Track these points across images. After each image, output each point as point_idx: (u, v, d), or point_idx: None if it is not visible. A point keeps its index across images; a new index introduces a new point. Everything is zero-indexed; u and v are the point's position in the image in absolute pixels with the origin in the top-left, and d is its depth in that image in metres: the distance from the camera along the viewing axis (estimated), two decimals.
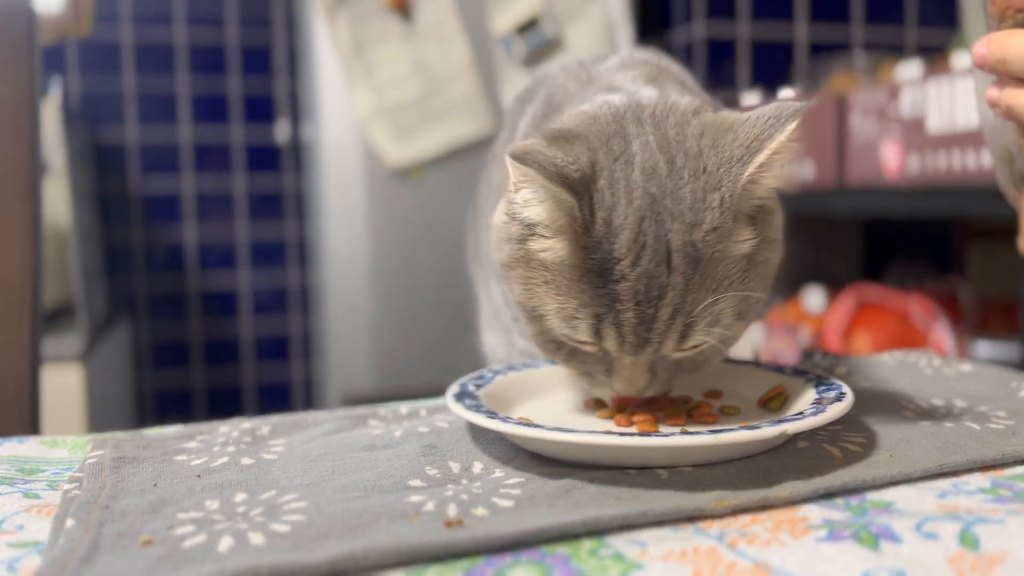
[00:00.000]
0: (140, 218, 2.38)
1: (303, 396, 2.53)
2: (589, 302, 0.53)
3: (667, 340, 0.53)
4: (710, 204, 0.52)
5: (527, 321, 0.57)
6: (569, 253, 0.53)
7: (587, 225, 0.52)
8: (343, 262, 2.08)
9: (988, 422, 0.56)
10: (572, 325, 0.54)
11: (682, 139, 0.54)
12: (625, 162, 0.54)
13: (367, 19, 2.04)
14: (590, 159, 0.54)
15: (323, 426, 0.60)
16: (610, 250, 0.52)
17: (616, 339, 0.53)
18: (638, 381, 0.55)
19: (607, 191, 0.53)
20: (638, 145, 0.54)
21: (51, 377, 1.55)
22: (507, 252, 0.57)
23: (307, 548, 0.39)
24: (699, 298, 0.52)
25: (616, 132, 0.55)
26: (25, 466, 0.56)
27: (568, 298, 0.53)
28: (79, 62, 2.30)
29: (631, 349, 0.53)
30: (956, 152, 1.44)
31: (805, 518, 0.43)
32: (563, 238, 0.53)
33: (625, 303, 0.52)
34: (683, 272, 0.51)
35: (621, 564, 0.38)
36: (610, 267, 0.52)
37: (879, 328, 1.75)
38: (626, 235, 0.52)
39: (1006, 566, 0.37)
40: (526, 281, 0.56)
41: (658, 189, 0.52)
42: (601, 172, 0.53)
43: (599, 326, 0.53)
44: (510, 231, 0.57)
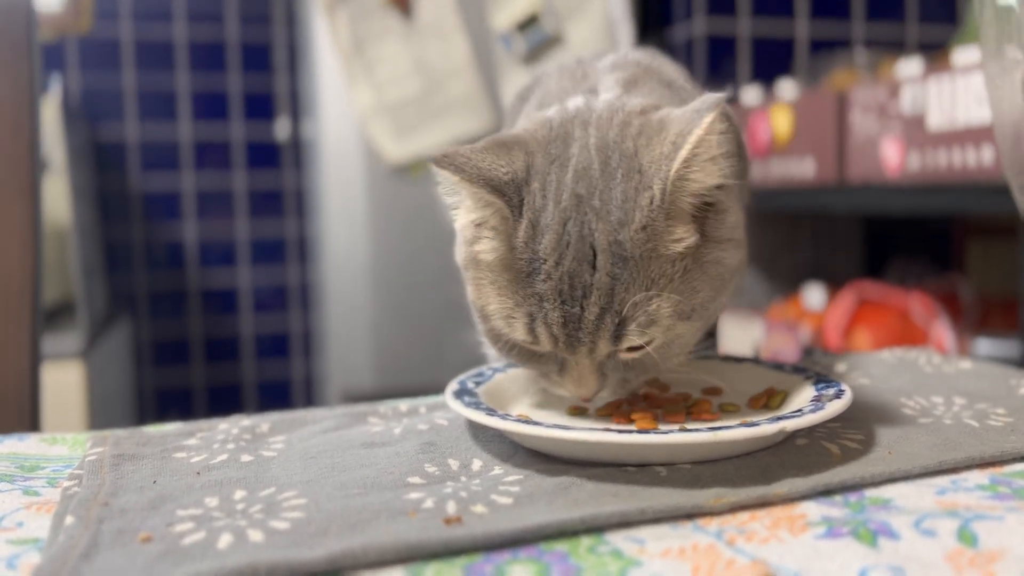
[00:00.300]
0: (140, 215, 2.38)
1: (303, 394, 2.54)
2: (521, 302, 0.54)
3: (599, 339, 0.53)
4: (640, 203, 0.52)
5: (480, 321, 0.59)
6: (503, 254, 0.55)
7: (516, 226, 0.54)
8: (343, 259, 2.08)
9: (987, 419, 0.56)
10: (510, 324, 0.55)
11: (621, 139, 0.55)
12: (560, 165, 0.55)
13: (367, 16, 2.03)
14: (525, 163, 0.55)
15: (323, 423, 0.60)
16: (536, 250, 0.53)
17: (549, 338, 0.54)
18: (588, 382, 0.55)
19: (538, 193, 0.54)
20: (577, 148, 0.55)
21: (51, 375, 1.55)
22: (461, 255, 0.59)
23: (306, 545, 0.39)
24: (626, 296, 0.52)
25: (559, 136, 0.56)
26: (25, 463, 0.56)
27: (505, 298, 0.55)
28: (79, 59, 2.30)
29: (565, 348, 0.54)
30: (957, 149, 1.44)
31: (804, 515, 0.43)
32: (498, 239, 0.55)
33: (551, 302, 0.53)
34: (609, 271, 0.52)
35: (619, 561, 0.38)
36: (536, 267, 0.53)
37: (879, 325, 1.75)
38: (549, 236, 0.53)
39: (1004, 563, 0.37)
40: (476, 282, 0.57)
41: (586, 190, 0.53)
42: (535, 175, 0.54)
43: (532, 325, 0.54)
44: (466, 234, 0.58)
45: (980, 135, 1.39)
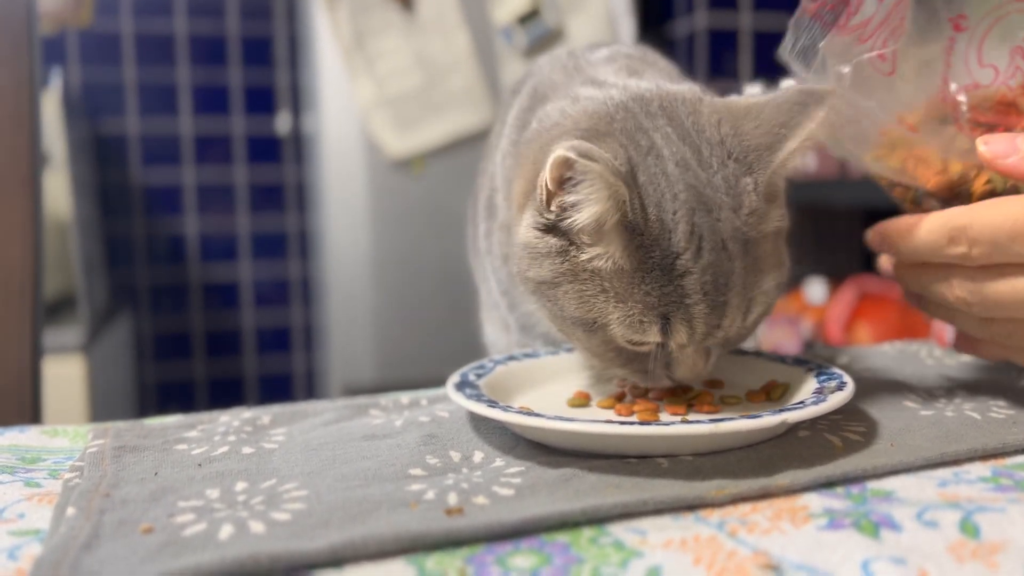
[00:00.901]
0: (141, 210, 2.38)
1: (304, 388, 2.54)
2: (655, 303, 0.52)
3: (734, 323, 0.53)
4: (744, 188, 0.53)
5: (586, 335, 0.55)
6: (624, 256, 0.52)
7: (639, 223, 0.51)
8: (344, 253, 2.08)
9: (989, 411, 0.56)
10: (640, 329, 0.53)
11: (700, 128, 0.55)
12: (656, 156, 0.53)
13: (368, 10, 2.03)
14: (625, 155, 0.53)
15: (324, 416, 0.60)
16: (668, 246, 0.51)
17: (687, 333, 0.53)
18: (699, 366, 0.55)
19: (649, 186, 0.52)
20: (661, 139, 0.54)
21: (53, 369, 1.55)
22: (548, 269, 0.55)
23: (307, 536, 0.39)
24: (754, 279, 0.53)
25: (636, 127, 0.55)
26: (26, 455, 0.56)
27: (631, 303, 0.52)
28: (79, 53, 2.30)
29: (701, 338, 0.53)
30: None
31: (806, 507, 0.43)
32: (615, 238, 0.52)
33: (694, 296, 0.51)
34: (741, 259, 0.52)
35: (621, 552, 0.38)
36: (670, 263, 0.51)
37: (881, 319, 1.75)
38: (682, 228, 0.51)
39: (1007, 554, 0.37)
40: (579, 295, 0.54)
41: (696, 180, 0.52)
42: (638, 168, 0.53)
43: (667, 324, 0.52)
44: (548, 244, 0.54)
45: None
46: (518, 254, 0.57)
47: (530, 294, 0.58)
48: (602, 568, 0.37)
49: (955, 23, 0.55)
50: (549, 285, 0.55)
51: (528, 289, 0.57)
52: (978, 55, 0.55)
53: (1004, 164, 0.53)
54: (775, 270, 0.55)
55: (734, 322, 0.53)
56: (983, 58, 0.55)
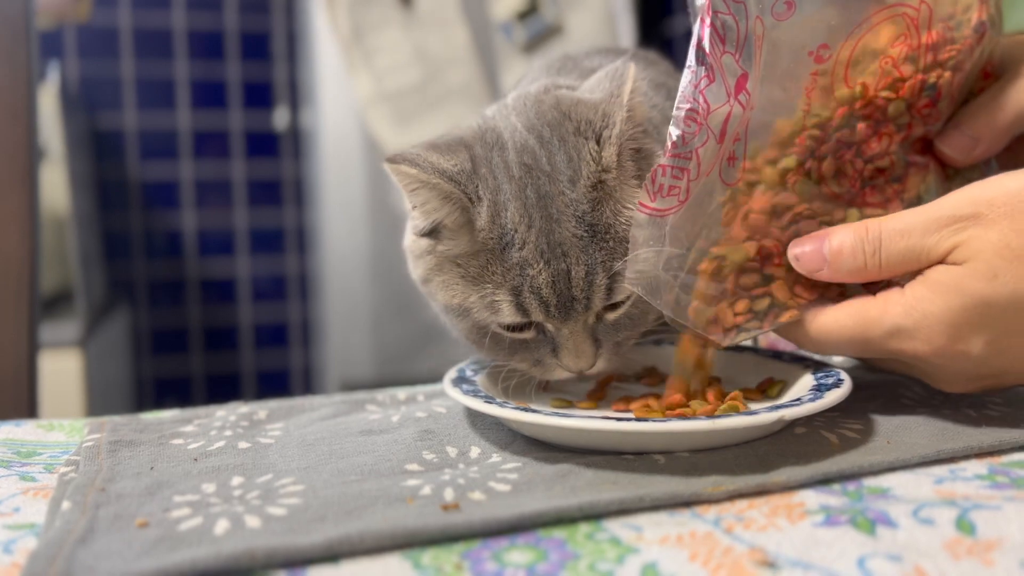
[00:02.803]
0: (139, 204, 2.38)
1: (302, 383, 2.54)
2: (502, 280, 0.54)
3: (594, 295, 0.54)
4: (584, 157, 0.55)
5: (458, 321, 0.58)
6: (470, 242, 0.56)
7: (478, 209, 0.55)
8: (342, 249, 2.07)
9: (985, 409, 0.56)
10: (495, 309, 0.55)
11: (541, 114, 0.58)
12: (500, 148, 0.57)
13: (367, 5, 2.03)
14: (468, 154, 0.57)
15: (320, 411, 0.60)
16: (503, 224, 0.54)
17: (540, 307, 0.54)
18: (585, 350, 0.56)
19: (489, 176, 0.56)
20: (508, 132, 0.58)
21: (49, 363, 1.55)
22: (422, 267, 0.59)
23: (303, 531, 0.39)
24: (605, 252, 0.54)
25: (489, 127, 0.59)
26: (22, 449, 0.56)
27: (483, 285, 0.55)
28: (77, 47, 2.29)
29: (558, 311, 0.54)
30: None
31: (802, 503, 0.43)
32: (462, 229, 0.56)
33: (536, 265, 0.54)
34: (574, 229, 0.54)
35: (617, 548, 0.38)
36: (510, 238, 0.54)
37: None
38: (514, 205, 0.55)
39: (1002, 551, 0.37)
40: (445, 285, 0.58)
41: (533, 160, 0.56)
42: (480, 162, 0.56)
43: (519, 299, 0.54)
44: (420, 246, 0.59)
45: None
46: (408, 262, 0.62)
47: (426, 297, 0.62)
48: (598, 564, 0.37)
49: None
50: (426, 282, 0.59)
51: (423, 293, 0.62)
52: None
53: (819, 277, 0.53)
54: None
55: (594, 295, 0.54)
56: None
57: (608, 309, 0.56)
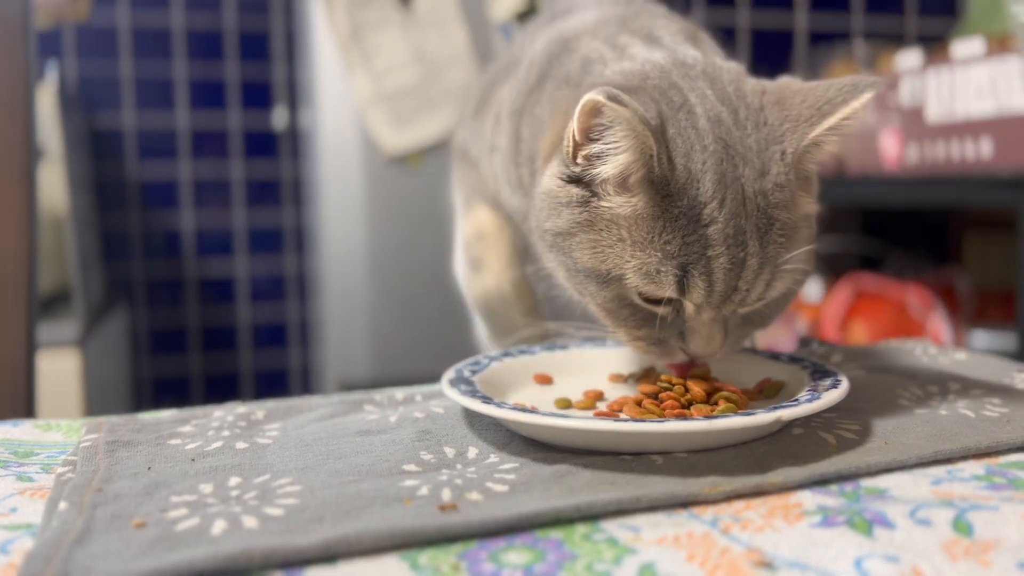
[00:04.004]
0: (137, 204, 2.37)
1: (300, 383, 2.53)
2: (675, 252, 0.51)
3: (754, 288, 0.53)
4: (772, 155, 0.53)
5: (598, 288, 0.55)
6: (648, 204, 0.52)
7: (666, 172, 0.51)
8: (341, 249, 2.07)
9: (983, 409, 0.56)
10: (656, 280, 0.52)
11: (741, 95, 0.56)
12: (688, 112, 0.54)
13: (365, 5, 2.02)
14: (656, 109, 0.53)
15: (318, 411, 0.60)
16: (695, 195, 0.52)
17: (705, 289, 0.52)
18: (715, 338, 0.54)
19: (678, 139, 0.53)
20: (696, 97, 0.55)
21: (48, 363, 1.54)
22: (566, 217, 0.55)
23: (301, 531, 0.39)
24: (776, 250, 0.53)
25: (671, 85, 0.56)
26: (19, 449, 0.56)
27: (650, 252, 0.52)
28: (76, 47, 2.29)
29: (719, 299, 0.52)
30: (955, 142, 1.44)
31: (799, 504, 0.43)
32: (640, 188, 0.52)
33: (717, 247, 0.51)
34: (756, 219, 0.52)
35: (615, 549, 0.38)
36: (697, 212, 0.51)
37: (876, 318, 1.75)
38: (709, 178, 0.52)
39: (999, 552, 0.37)
40: (594, 244, 0.54)
41: (727, 135, 0.53)
42: (668, 121, 0.53)
43: (685, 278, 0.52)
44: (569, 194, 0.55)
45: (979, 128, 1.39)
46: (538, 205, 0.58)
47: (547, 249, 0.58)
48: (595, 564, 0.37)
49: None
50: (565, 235, 0.55)
51: (545, 244, 0.58)
52: None
53: None
54: (802, 255, 0.54)
55: (754, 288, 0.53)
56: None
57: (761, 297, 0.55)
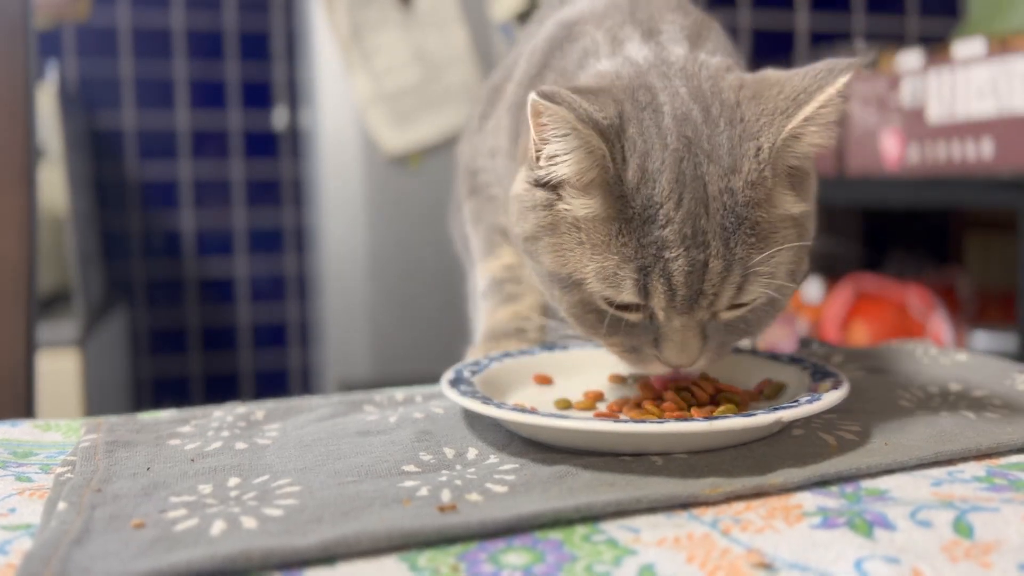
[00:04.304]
0: (137, 204, 2.37)
1: (300, 383, 2.53)
2: (632, 255, 0.50)
3: (723, 291, 0.50)
4: (746, 152, 0.51)
5: (562, 293, 0.54)
6: (603, 206, 0.51)
7: (620, 173, 0.50)
8: (341, 249, 2.07)
9: (984, 411, 0.56)
10: (614, 284, 0.50)
11: (717, 91, 0.54)
12: (654, 111, 0.52)
13: (366, 5, 2.02)
14: (616, 110, 0.52)
15: (318, 411, 0.60)
16: (650, 195, 0.50)
17: (665, 294, 0.50)
18: (690, 346, 0.52)
19: (638, 138, 0.51)
20: (666, 96, 0.53)
21: (48, 363, 1.54)
22: (532, 221, 0.54)
23: (300, 532, 0.39)
24: (747, 251, 0.50)
25: (641, 85, 0.54)
26: (18, 449, 0.56)
27: (607, 255, 0.50)
28: (76, 46, 2.29)
29: (683, 303, 0.50)
30: (956, 142, 1.44)
31: (799, 505, 0.43)
32: (596, 190, 0.51)
33: (674, 249, 0.49)
34: (721, 219, 0.50)
35: (614, 550, 0.38)
36: (652, 213, 0.50)
37: (877, 319, 1.74)
38: (666, 177, 0.50)
39: (1000, 553, 0.37)
40: (556, 248, 0.53)
41: (693, 133, 0.51)
42: (629, 121, 0.52)
43: (646, 281, 0.50)
44: (534, 197, 0.54)
45: (980, 128, 1.39)
46: (511, 209, 0.57)
47: (523, 254, 0.58)
48: (595, 566, 0.37)
49: None
50: (532, 239, 0.55)
51: (520, 248, 0.57)
52: None
53: None
54: (785, 256, 0.51)
55: (722, 293, 0.50)
56: None
57: (728, 308, 0.52)
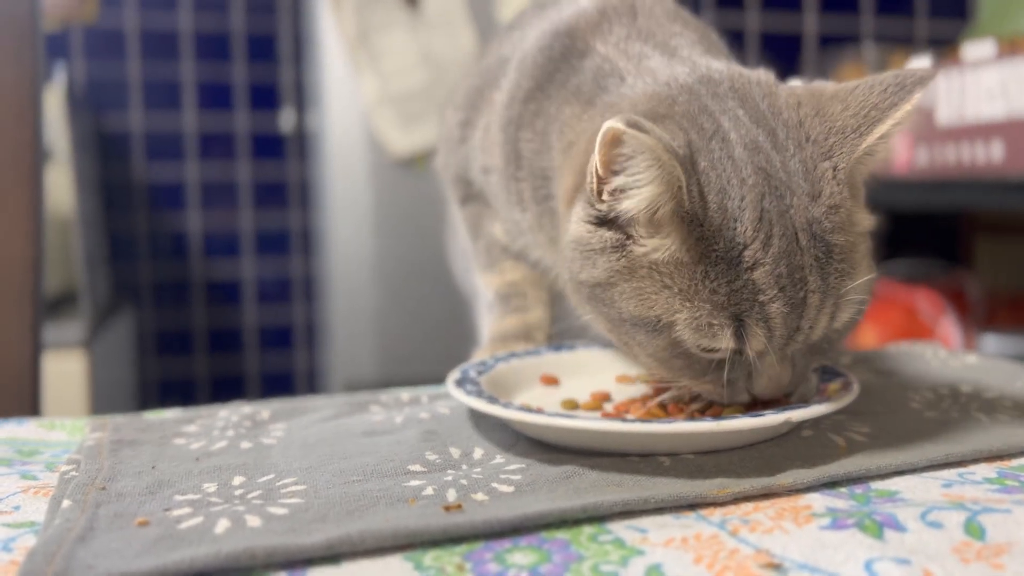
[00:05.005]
0: (144, 206, 2.38)
1: (306, 385, 2.53)
2: (725, 302, 0.46)
3: (819, 323, 0.48)
4: (823, 174, 0.48)
5: (648, 338, 0.49)
6: (683, 246, 0.47)
7: (697, 210, 0.46)
8: (347, 251, 2.07)
9: (995, 412, 0.56)
10: (710, 333, 0.47)
11: (776, 110, 0.50)
12: (721, 140, 0.49)
13: (373, 6, 2.03)
14: (685, 139, 0.48)
15: (323, 411, 0.60)
16: (732, 236, 0.46)
17: (764, 336, 0.47)
18: (783, 378, 0.49)
19: (711, 173, 0.47)
20: (728, 121, 0.49)
21: (54, 364, 1.54)
22: (603, 267, 0.50)
23: (304, 531, 0.39)
24: (838, 279, 0.47)
25: (700, 109, 0.50)
26: (23, 448, 0.55)
27: (698, 303, 0.47)
28: (84, 48, 2.29)
29: (780, 343, 0.47)
30: (965, 145, 1.43)
31: (808, 506, 0.43)
32: (670, 228, 0.47)
33: (769, 291, 0.46)
34: (814, 251, 0.47)
35: (622, 550, 0.38)
36: (737, 254, 0.46)
37: (886, 322, 1.74)
38: (748, 215, 0.46)
39: (1012, 555, 0.37)
40: (639, 293, 0.49)
41: (767, 163, 0.48)
42: (699, 152, 0.48)
43: (742, 328, 0.46)
44: (602, 239, 0.49)
45: (989, 131, 1.38)
46: (568, 255, 0.52)
47: (584, 302, 0.53)
48: (602, 566, 0.36)
49: None
50: (604, 287, 0.50)
51: (582, 296, 0.52)
52: None
53: None
54: (867, 274, 0.49)
55: (818, 324, 0.48)
56: None
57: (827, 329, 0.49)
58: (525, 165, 0.63)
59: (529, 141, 0.62)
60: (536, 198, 0.63)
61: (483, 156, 0.68)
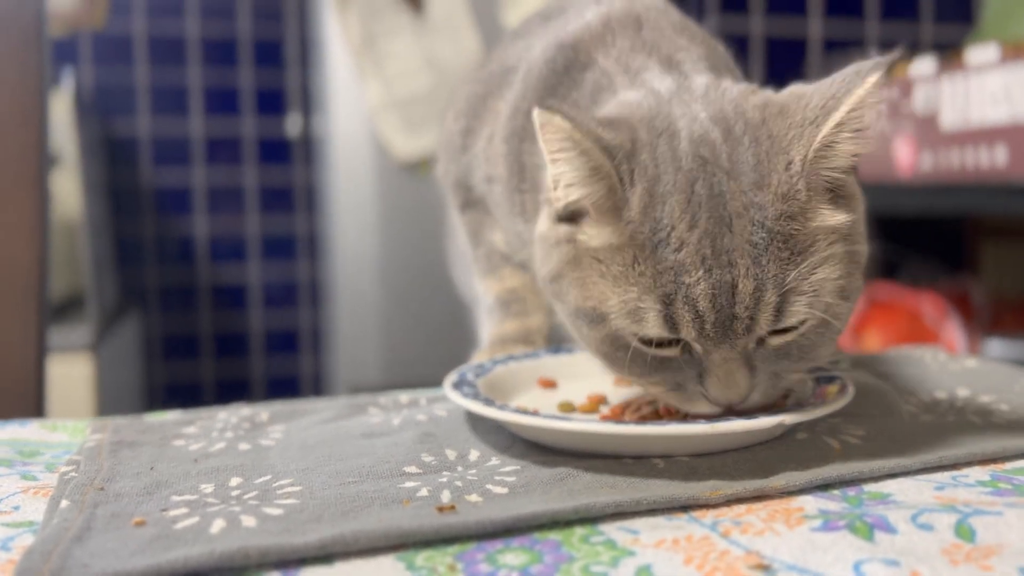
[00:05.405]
0: (151, 210, 2.39)
1: (312, 389, 2.54)
2: (651, 284, 0.46)
3: (759, 314, 0.46)
4: (775, 166, 0.48)
5: (589, 329, 0.50)
6: (616, 233, 0.48)
7: (629, 197, 0.48)
8: (353, 256, 2.08)
9: (991, 416, 0.56)
10: (638, 318, 0.47)
11: (740, 111, 0.50)
12: (670, 136, 0.50)
13: (378, 12, 2.03)
14: (630, 136, 0.50)
15: (322, 414, 0.60)
16: (659, 217, 0.47)
17: (694, 322, 0.46)
18: (736, 379, 0.47)
19: (649, 163, 0.48)
20: (685, 121, 0.50)
21: (60, 368, 1.55)
22: (555, 258, 0.52)
23: (298, 531, 0.39)
24: (783, 268, 0.46)
25: (659, 113, 0.51)
26: (24, 448, 0.56)
27: (627, 287, 0.47)
28: (92, 54, 2.31)
29: (715, 330, 0.46)
30: (970, 149, 1.43)
31: (800, 508, 0.43)
32: (608, 217, 0.49)
33: (693, 272, 0.46)
34: (749, 238, 0.46)
35: (612, 551, 0.38)
36: (663, 236, 0.47)
37: (890, 327, 1.73)
38: (676, 198, 0.47)
39: (1001, 557, 0.37)
40: (580, 282, 0.50)
41: (710, 153, 0.48)
42: (643, 147, 0.49)
43: (669, 310, 0.46)
44: (556, 233, 0.52)
45: (994, 135, 1.38)
46: (536, 254, 0.55)
47: (551, 298, 0.55)
48: (592, 566, 0.37)
49: None
50: (557, 278, 0.52)
51: (549, 294, 0.54)
52: None
53: None
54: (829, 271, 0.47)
55: (759, 316, 0.46)
56: None
57: (774, 334, 0.48)
58: (528, 177, 0.63)
59: (533, 154, 0.62)
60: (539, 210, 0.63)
61: (487, 166, 0.69)
